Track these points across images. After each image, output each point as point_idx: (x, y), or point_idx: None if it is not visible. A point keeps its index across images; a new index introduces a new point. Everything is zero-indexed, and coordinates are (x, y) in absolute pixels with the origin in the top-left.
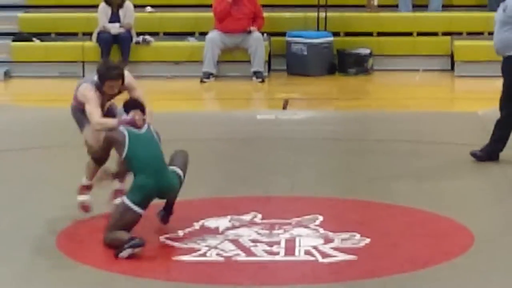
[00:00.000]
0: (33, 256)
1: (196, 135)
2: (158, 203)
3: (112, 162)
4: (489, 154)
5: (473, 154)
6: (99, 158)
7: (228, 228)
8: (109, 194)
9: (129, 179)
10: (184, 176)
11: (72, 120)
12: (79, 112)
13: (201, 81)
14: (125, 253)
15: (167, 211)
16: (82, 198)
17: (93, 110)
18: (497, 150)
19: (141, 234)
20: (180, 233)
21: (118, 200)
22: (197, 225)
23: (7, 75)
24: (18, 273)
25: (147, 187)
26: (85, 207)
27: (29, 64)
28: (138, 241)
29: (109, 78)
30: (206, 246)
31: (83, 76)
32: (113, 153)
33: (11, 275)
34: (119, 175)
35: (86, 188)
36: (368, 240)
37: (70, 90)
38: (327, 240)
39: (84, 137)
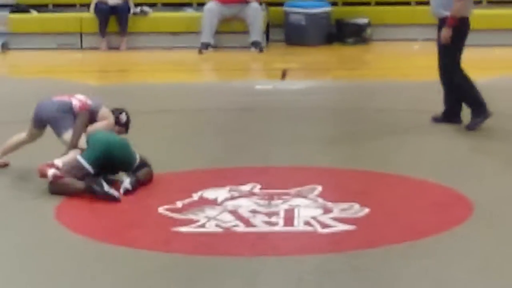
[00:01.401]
0: (31, 227)
1: (194, 106)
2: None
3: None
4: (448, 117)
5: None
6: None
7: (227, 199)
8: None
9: None
10: (143, 165)
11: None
12: (71, 115)
13: (199, 52)
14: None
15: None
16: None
17: (102, 127)
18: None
19: (139, 206)
20: (179, 204)
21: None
22: (196, 196)
23: (5, 46)
24: (16, 245)
25: (99, 142)
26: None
27: (26, 36)
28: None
29: (125, 129)
30: (205, 217)
31: (81, 47)
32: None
33: (10, 247)
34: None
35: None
36: (367, 210)
37: (68, 61)
38: (326, 210)
39: (63, 139)
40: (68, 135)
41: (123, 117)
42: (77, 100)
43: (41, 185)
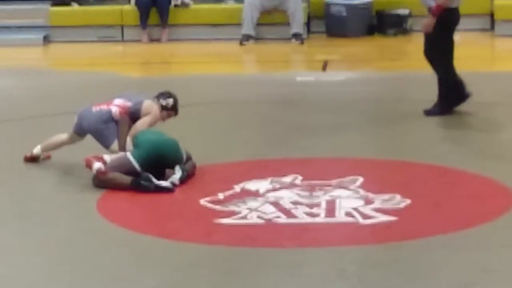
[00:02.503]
0: (74, 220)
1: (235, 98)
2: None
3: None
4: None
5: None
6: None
7: (268, 190)
8: None
9: None
10: (186, 160)
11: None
12: (112, 123)
13: (241, 44)
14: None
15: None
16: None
17: (146, 123)
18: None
19: (181, 198)
20: (221, 196)
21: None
22: (237, 188)
23: (46, 40)
24: (59, 237)
25: (148, 142)
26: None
27: (67, 29)
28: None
29: (175, 112)
30: (247, 208)
31: (122, 40)
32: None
33: (53, 240)
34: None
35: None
36: (408, 201)
37: (109, 54)
38: (368, 202)
39: (112, 149)
40: (115, 145)
41: (169, 102)
42: (115, 106)
43: (84, 178)
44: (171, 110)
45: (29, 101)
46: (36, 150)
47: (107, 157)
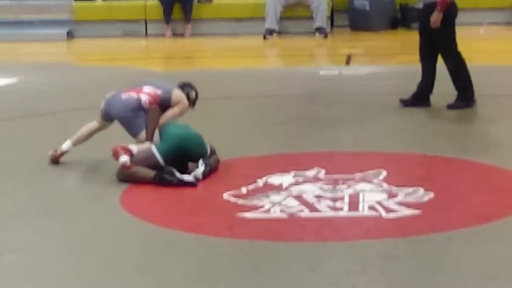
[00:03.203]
0: (97, 215)
1: (259, 92)
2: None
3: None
4: (418, 99)
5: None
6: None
7: (291, 184)
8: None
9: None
10: (210, 154)
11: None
12: (142, 111)
13: (264, 38)
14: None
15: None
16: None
17: (176, 114)
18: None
19: (204, 192)
20: (244, 190)
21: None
22: (260, 182)
23: (70, 35)
24: (83, 233)
25: (173, 136)
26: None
27: (91, 24)
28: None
29: (193, 105)
30: (270, 202)
31: (146, 34)
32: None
33: (77, 235)
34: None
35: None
36: (432, 195)
37: (133, 48)
38: (391, 195)
39: (140, 138)
40: (143, 135)
41: (193, 94)
42: (145, 95)
43: (107, 173)
44: (192, 103)
45: (53, 96)
46: (66, 145)
47: (134, 149)
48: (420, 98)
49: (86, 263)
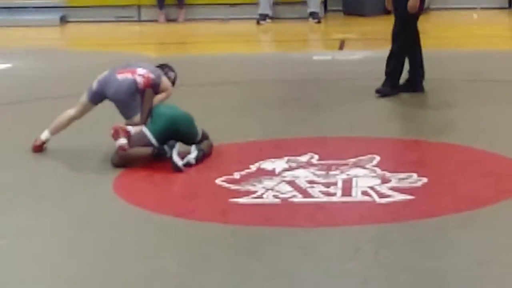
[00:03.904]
0: (90, 200)
1: (252, 77)
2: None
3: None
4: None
5: (377, 91)
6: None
7: (284, 170)
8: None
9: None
10: (203, 139)
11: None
12: (137, 94)
13: (257, 23)
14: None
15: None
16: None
17: (163, 99)
18: (394, 84)
19: (196, 177)
20: (237, 175)
21: None
22: (253, 167)
23: (63, 20)
24: (76, 218)
25: (164, 116)
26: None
27: (84, 9)
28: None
29: (173, 84)
30: (263, 187)
31: (139, 20)
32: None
33: (70, 220)
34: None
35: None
36: (425, 180)
37: (126, 34)
38: (384, 180)
39: (133, 121)
40: (137, 118)
41: (172, 75)
42: (140, 76)
43: (99, 159)
44: (172, 83)
45: (46, 82)
46: (44, 135)
47: (132, 130)
48: (413, 84)
49: (78, 249)
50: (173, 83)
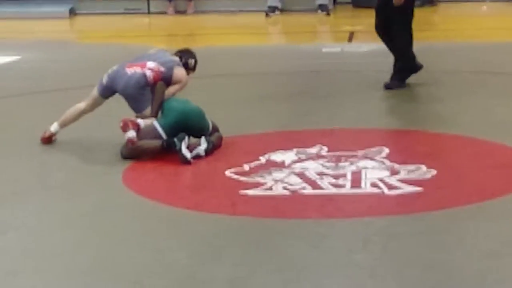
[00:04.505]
0: (99, 192)
1: (261, 69)
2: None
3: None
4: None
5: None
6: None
7: (294, 161)
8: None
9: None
10: (213, 131)
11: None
12: (148, 87)
13: (266, 15)
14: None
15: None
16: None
17: (177, 90)
18: (403, 77)
19: (206, 169)
20: (246, 167)
21: None
22: (263, 159)
23: (72, 12)
24: (85, 210)
25: (175, 110)
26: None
27: (93, 1)
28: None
29: (193, 71)
30: (272, 179)
31: (148, 12)
32: None
33: (79, 212)
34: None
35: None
36: (434, 172)
37: (135, 26)
38: (393, 172)
39: (144, 114)
40: (147, 111)
41: (192, 62)
42: (149, 70)
43: (109, 151)
44: (192, 70)
45: (55, 74)
46: (54, 127)
47: (141, 123)
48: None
49: (88, 241)
50: (193, 69)
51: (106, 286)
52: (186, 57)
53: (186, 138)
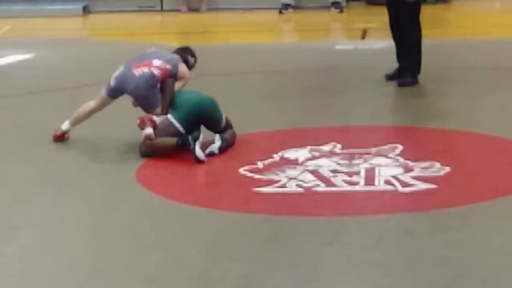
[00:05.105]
0: (113, 189)
1: (275, 66)
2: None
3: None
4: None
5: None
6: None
7: (307, 159)
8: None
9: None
10: (226, 128)
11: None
12: (157, 86)
13: (280, 12)
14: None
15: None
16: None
17: (180, 87)
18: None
19: (219, 167)
20: (260, 164)
21: None
22: (276, 156)
23: (86, 10)
24: (99, 207)
25: (188, 101)
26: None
27: None
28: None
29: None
30: (286, 177)
31: (162, 9)
32: None
33: (92, 209)
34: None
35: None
36: (448, 169)
37: (148, 24)
38: (407, 169)
39: (155, 113)
40: (159, 109)
41: (191, 61)
42: (156, 68)
43: (122, 149)
44: (192, 68)
45: (69, 72)
46: (65, 126)
47: (157, 119)
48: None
49: (101, 238)
50: (193, 67)
51: (120, 282)
52: (187, 55)
53: (201, 137)
